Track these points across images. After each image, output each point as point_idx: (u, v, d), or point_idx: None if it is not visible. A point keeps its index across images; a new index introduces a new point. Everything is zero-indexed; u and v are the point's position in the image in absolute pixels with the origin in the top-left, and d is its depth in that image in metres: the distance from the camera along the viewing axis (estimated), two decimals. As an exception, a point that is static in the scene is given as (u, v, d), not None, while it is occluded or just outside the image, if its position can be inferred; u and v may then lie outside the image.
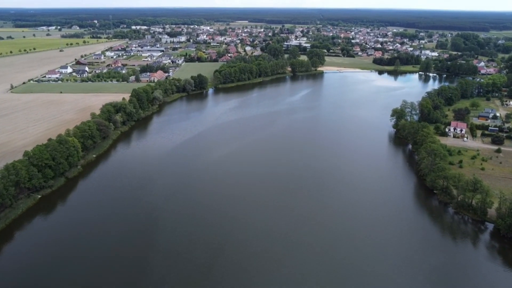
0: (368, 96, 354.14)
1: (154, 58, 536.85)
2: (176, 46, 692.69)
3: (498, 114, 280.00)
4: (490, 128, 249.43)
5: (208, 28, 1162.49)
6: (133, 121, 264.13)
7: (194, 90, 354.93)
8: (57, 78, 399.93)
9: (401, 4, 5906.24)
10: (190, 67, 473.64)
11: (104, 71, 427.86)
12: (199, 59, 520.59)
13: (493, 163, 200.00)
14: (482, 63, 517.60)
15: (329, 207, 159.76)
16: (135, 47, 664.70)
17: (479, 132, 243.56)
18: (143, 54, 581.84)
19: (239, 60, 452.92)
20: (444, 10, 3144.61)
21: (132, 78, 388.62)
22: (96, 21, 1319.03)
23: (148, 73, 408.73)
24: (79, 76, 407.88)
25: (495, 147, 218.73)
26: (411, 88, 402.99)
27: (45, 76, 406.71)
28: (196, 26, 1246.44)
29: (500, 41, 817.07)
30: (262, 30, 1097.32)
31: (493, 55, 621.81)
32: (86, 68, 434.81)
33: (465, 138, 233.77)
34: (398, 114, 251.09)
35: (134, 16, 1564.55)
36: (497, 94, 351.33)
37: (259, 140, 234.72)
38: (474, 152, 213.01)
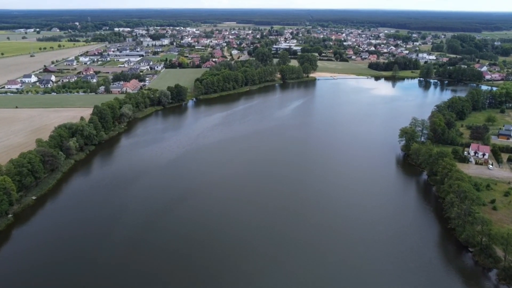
0: (367, 109, 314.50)
1: (132, 64, 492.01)
2: (158, 49, 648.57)
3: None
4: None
5: (194, 30, 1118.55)
6: (93, 145, 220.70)
7: (172, 103, 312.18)
8: (17, 89, 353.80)
9: (390, 5, 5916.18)
10: (170, 75, 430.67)
11: (73, 80, 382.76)
12: (181, 65, 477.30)
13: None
14: (485, 68, 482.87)
15: (336, 267, 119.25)
16: (113, 51, 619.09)
17: (504, 156, 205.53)
18: (120, 59, 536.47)
19: (223, 66, 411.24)
20: (433, 11, 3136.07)
21: (102, 88, 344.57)
22: (77, 23, 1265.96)
23: (121, 83, 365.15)
24: (43, 86, 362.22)
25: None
26: (414, 97, 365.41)
27: (3, 87, 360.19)
28: (182, 28, 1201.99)
29: (496, 43, 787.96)
30: (250, 32, 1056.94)
31: (494, 58, 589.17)
32: (52, 77, 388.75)
33: (490, 165, 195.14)
34: (409, 135, 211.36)
35: (119, 18, 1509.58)
36: (510, 105, 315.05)
37: (244, 170, 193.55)
38: (505, 186, 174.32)
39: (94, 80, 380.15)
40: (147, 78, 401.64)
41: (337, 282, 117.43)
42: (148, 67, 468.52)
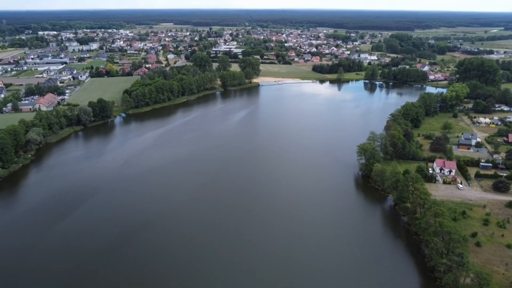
0: (316, 119, 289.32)
1: (52, 73, 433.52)
2: (85, 55, 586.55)
3: (479, 140, 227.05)
4: (481, 164, 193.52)
5: (128, 32, 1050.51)
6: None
7: (94, 121, 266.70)
8: None
9: (325, 5, 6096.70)
10: (96, 85, 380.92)
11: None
12: (109, 73, 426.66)
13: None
14: (427, 67, 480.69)
15: None
16: (32, 58, 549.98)
17: (470, 171, 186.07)
18: (39, 68, 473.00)
19: (157, 74, 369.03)
20: (367, 10, 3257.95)
21: (9, 106, 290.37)
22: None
23: (35, 97, 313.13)
24: None
25: (503, 198, 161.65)
26: (363, 102, 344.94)
27: None
28: (115, 30, 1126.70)
29: (431, 41, 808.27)
30: (188, 33, 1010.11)
31: (432, 57, 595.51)
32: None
33: (460, 185, 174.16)
34: (369, 153, 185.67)
35: (46, 20, 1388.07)
36: (460, 108, 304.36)
37: (181, 205, 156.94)
38: (481, 211, 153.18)
39: (2, 96, 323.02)
40: (67, 91, 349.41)
41: None
42: (70, 76, 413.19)
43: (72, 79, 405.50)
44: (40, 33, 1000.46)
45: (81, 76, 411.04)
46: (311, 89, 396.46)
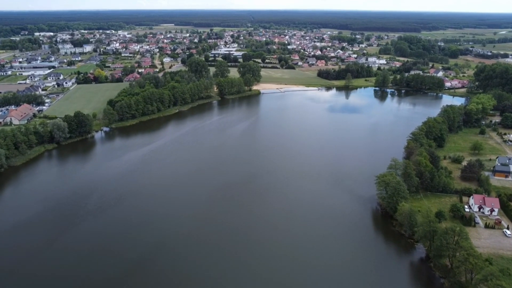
0: (324, 134, 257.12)
1: (36, 79, 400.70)
2: (76, 58, 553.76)
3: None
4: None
5: (126, 33, 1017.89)
6: None
7: (71, 137, 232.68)
8: None
9: (328, 5, 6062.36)
10: (81, 93, 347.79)
11: None
12: (97, 80, 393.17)
13: None
14: (441, 73, 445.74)
15: None
16: (20, 62, 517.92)
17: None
18: (24, 73, 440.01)
19: (148, 81, 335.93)
20: (370, 11, 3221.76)
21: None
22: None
23: (10, 108, 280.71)
24: None
25: None
26: (376, 112, 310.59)
27: None
28: (113, 31, 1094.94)
29: (440, 44, 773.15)
30: (187, 35, 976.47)
31: (444, 60, 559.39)
32: None
33: (507, 230, 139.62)
34: (392, 188, 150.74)
35: (46, 21, 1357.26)
36: (486, 122, 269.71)
37: (167, 259, 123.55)
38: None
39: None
40: (47, 100, 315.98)
41: None
42: (55, 83, 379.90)
43: (56, 86, 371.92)
44: (36, 34, 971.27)
45: (66, 83, 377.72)
46: (317, 98, 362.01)
